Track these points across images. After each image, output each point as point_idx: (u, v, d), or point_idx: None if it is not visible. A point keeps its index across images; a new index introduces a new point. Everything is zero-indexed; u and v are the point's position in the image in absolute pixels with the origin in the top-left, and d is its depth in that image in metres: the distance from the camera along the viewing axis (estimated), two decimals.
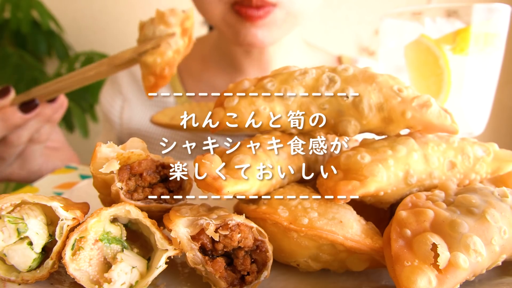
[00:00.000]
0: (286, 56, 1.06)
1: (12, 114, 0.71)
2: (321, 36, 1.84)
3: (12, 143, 0.75)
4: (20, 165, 0.84)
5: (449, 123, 0.46)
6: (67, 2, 2.09)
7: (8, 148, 0.76)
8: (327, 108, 0.47)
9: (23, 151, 0.81)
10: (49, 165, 0.89)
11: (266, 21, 0.85)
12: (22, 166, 0.84)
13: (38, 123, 0.76)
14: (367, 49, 2.14)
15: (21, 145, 0.77)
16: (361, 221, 0.44)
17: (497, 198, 0.42)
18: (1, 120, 0.71)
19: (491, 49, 0.73)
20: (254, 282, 0.42)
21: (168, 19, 0.63)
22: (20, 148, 0.78)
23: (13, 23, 1.80)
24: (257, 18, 0.83)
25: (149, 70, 0.62)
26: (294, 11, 0.87)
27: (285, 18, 0.88)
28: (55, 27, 1.94)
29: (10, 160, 0.81)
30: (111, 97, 1.16)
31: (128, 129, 1.13)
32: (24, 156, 0.82)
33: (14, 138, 0.75)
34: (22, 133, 0.75)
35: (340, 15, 2.09)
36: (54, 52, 2.00)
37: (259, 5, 0.81)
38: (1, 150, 0.77)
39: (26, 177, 0.87)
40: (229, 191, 0.40)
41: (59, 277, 0.43)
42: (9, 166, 0.83)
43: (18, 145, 0.76)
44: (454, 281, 0.36)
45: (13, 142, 0.75)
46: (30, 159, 0.84)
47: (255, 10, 0.82)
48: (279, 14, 0.86)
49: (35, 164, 0.85)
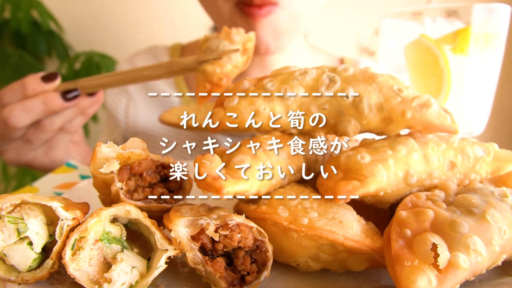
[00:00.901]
0: (288, 57, 1.08)
1: (54, 99, 0.72)
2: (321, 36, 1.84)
3: (44, 128, 0.77)
4: (45, 151, 0.85)
5: (449, 123, 0.46)
6: (67, 2, 2.08)
7: (39, 132, 0.77)
8: (327, 108, 0.47)
9: (51, 138, 0.82)
10: (69, 157, 0.90)
11: (269, 22, 0.89)
12: (47, 153, 0.85)
13: (73, 114, 0.78)
14: (367, 49, 2.14)
15: (52, 132, 0.79)
16: (361, 221, 0.44)
17: (497, 198, 0.42)
18: (42, 103, 0.72)
19: (491, 49, 0.73)
20: (254, 282, 0.42)
21: (233, 36, 0.69)
22: (50, 134, 0.79)
23: (13, 23, 1.80)
24: (259, 16, 0.87)
25: (207, 77, 0.67)
26: (295, 12, 0.90)
27: (287, 20, 0.90)
28: (55, 27, 1.94)
29: (37, 145, 0.81)
30: (116, 96, 1.18)
31: (134, 127, 1.14)
32: (50, 143, 0.84)
33: (47, 123, 0.76)
34: (56, 120, 0.76)
35: (340, 15, 2.09)
36: (54, 52, 1.99)
37: (260, 3, 0.85)
38: (31, 133, 0.78)
39: (47, 164, 0.87)
40: (229, 191, 0.40)
41: (59, 277, 0.43)
42: (33, 151, 0.83)
43: (50, 131, 0.78)
44: (454, 281, 0.36)
45: (45, 127, 0.76)
46: (56, 147, 0.85)
47: (257, 9, 0.86)
48: (281, 15, 0.89)
49: (59, 153, 0.86)
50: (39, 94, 0.73)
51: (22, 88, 0.73)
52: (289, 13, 0.90)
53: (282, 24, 0.91)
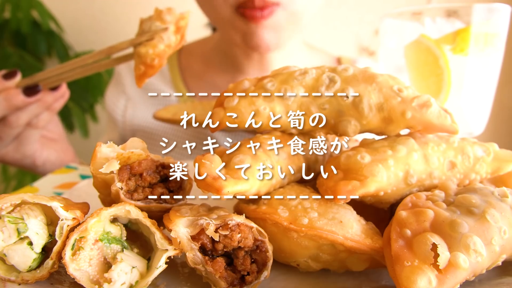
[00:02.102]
0: (286, 57, 1.08)
1: (15, 95, 0.74)
2: (321, 36, 1.84)
3: (11, 124, 0.78)
4: (16, 147, 0.87)
5: (449, 123, 0.46)
6: (67, 2, 2.08)
7: (6, 128, 0.79)
8: (327, 108, 0.47)
9: (19, 134, 0.84)
10: (43, 153, 0.92)
11: (270, 22, 0.88)
12: (17, 148, 0.87)
13: (38, 109, 0.79)
14: (367, 49, 2.14)
15: (19, 128, 0.81)
16: (361, 221, 0.44)
17: (497, 198, 0.42)
18: (4, 99, 0.74)
19: (491, 49, 0.73)
20: (254, 282, 0.42)
21: (164, 16, 0.69)
22: (18, 130, 0.81)
23: (13, 23, 1.80)
24: (260, 19, 0.86)
25: (141, 59, 0.68)
26: (295, 10, 0.90)
27: (288, 19, 0.90)
28: (55, 27, 1.94)
29: (7, 141, 0.84)
30: (115, 97, 1.19)
31: (131, 126, 1.15)
32: (20, 139, 0.86)
33: (13, 119, 0.78)
34: (22, 116, 0.78)
35: (340, 15, 2.09)
36: (54, 52, 1.99)
37: (261, 5, 0.85)
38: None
39: (19, 159, 0.90)
40: (229, 191, 0.40)
41: (59, 277, 0.43)
42: (4, 147, 0.86)
43: (16, 126, 0.80)
44: (454, 281, 0.36)
45: (11, 123, 0.78)
46: (26, 142, 0.87)
47: (259, 11, 0.85)
48: (282, 15, 0.88)
49: (29, 148, 0.88)
50: (1, 91, 0.74)
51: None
52: (290, 12, 0.89)
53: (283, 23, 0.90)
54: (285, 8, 0.88)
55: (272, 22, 0.88)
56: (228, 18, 0.90)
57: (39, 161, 0.92)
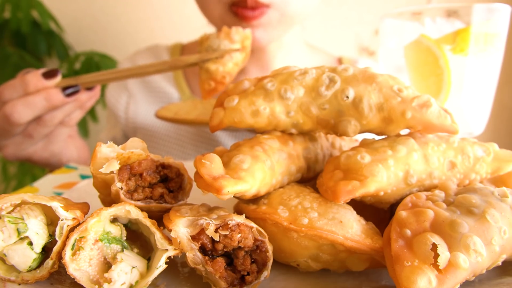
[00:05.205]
0: (286, 56, 1.09)
1: (55, 95, 0.75)
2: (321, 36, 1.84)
3: (46, 122, 0.79)
4: (44, 145, 0.87)
5: (449, 123, 0.46)
6: (67, 2, 2.09)
7: (40, 126, 0.79)
8: (327, 108, 0.47)
9: (50, 132, 0.84)
10: (67, 151, 0.92)
11: (261, 22, 0.90)
12: (46, 147, 0.87)
13: (72, 108, 0.80)
14: (367, 49, 2.14)
15: (52, 127, 0.81)
16: (361, 221, 0.44)
17: (497, 198, 0.42)
18: (44, 99, 0.74)
19: (491, 49, 0.73)
20: (254, 282, 0.42)
21: (233, 36, 0.74)
22: (50, 129, 0.81)
23: (13, 23, 1.80)
24: (252, 18, 0.89)
25: (211, 75, 0.73)
26: (288, 12, 0.92)
27: (280, 19, 0.93)
28: (55, 27, 1.94)
29: (37, 139, 0.83)
30: (116, 93, 1.19)
31: (134, 123, 1.15)
32: (50, 137, 0.86)
33: (48, 118, 0.78)
34: (57, 115, 0.79)
35: (340, 15, 2.09)
36: (54, 52, 2.00)
37: (253, 6, 0.87)
38: (32, 128, 0.80)
39: (46, 158, 0.89)
40: (229, 191, 0.40)
41: (59, 277, 0.43)
42: (33, 145, 0.85)
43: (51, 125, 0.80)
44: (454, 281, 0.36)
45: (46, 122, 0.78)
46: (55, 141, 0.87)
47: (250, 11, 0.88)
48: (274, 15, 0.90)
49: (58, 146, 0.89)
50: (41, 90, 0.74)
51: (23, 84, 0.74)
52: (282, 13, 0.91)
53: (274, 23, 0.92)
54: (277, 9, 0.89)
55: (263, 22, 0.90)
56: (221, 15, 0.92)
57: (64, 159, 0.92)
